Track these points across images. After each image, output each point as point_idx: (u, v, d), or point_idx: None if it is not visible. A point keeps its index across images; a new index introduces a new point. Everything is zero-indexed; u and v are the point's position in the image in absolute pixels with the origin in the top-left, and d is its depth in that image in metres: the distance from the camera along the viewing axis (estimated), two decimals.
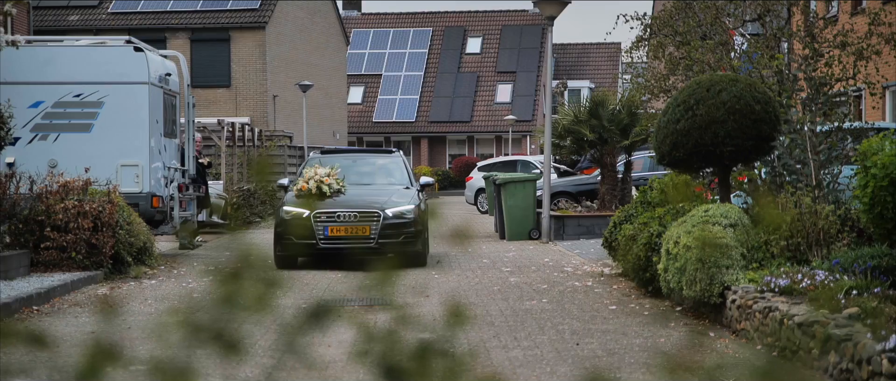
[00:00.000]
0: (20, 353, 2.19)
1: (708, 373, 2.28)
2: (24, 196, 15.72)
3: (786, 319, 9.02)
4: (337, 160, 19.51)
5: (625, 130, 25.10)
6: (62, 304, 13.29)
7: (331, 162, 19.23)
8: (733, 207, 12.53)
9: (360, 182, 18.90)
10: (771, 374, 2.11)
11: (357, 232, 17.27)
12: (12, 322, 11.33)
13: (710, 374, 2.28)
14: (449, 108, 67.29)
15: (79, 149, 18.96)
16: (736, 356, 9.33)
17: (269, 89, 46.32)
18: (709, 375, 2.28)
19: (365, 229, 17.30)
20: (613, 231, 16.12)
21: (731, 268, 11.03)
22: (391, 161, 20.02)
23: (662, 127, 13.65)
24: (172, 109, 20.81)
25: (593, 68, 74.09)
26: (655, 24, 19.54)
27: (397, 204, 17.74)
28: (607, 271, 16.46)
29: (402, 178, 19.42)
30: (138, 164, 19.38)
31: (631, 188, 25.60)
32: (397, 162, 19.95)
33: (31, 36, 26.04)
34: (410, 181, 19.27)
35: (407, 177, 19.41)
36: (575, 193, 28.83)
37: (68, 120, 19.37)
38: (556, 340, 10.37)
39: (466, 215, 34.87)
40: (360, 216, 17.36)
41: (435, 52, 69.81)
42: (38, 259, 15.63)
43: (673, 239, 11.74)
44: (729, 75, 14.08)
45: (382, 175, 19.55)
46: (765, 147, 13.29)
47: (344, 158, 19.98)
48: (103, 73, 19.41)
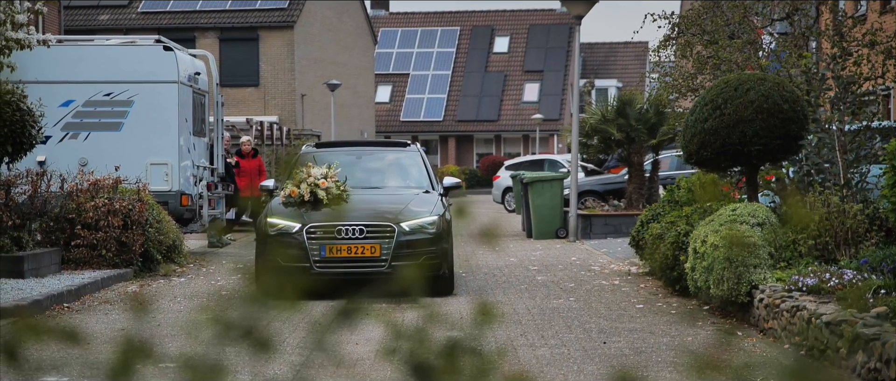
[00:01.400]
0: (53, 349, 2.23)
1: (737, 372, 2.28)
2: (55, 194, 15.86)
3: (813, 318, 9.01)
4: (336, 156, 15.33)
5: (652, 129, 25.07)
6: (92, 301, 13.40)
7: (328, 159, 14.98)
8: (761, 206, 12.51)
9: (366, 185, 15.06)
10: (800, 373, 2.11)
11: (363, 252, 13.46)
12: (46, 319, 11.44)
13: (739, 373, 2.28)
14: (476, 107, 67.30)
15: (109, 147, 19.10)
16: (763, 355, 9.33)
17: (298, 88, 46.47)
18: (737, 374, 2.29)
19: (374, 249, 13.44)
20: (640, 230, 16.11)
21: (759, 267, 11.02)
22: (406, 157, 15.97)
23: (690, 126, 13.64)
24: (201, 108, 20.92)
25: (621, 67, 73.94)
26: (683, 23, 19.51)
27: (416, 214, 13.90)
28: (634, 270, 16.45)
29: (420, 178, 15.44)
30: (168, 162, 19.49)
31: (658, 187, 25.57)
32: (414, 158, 15.84)
33: (62, 35, 26.22)
34: (431, 183, 15.22)
35: (427, 177, 15.42)
36: (602, 191, 28.82)
37: (98, 119, 19.51)
38: (584, 338, 10.39)
39: (494, 213, 34.89)
40: (368, 231, 13.45)
41: (462, 51, 69.83)
42: (68, 257, 15.76)
43: (700, 238, 11.73)
44: (757, 74, 14.05)
45: (395, 175, 15.74)
46: (793, 146, 13.26)
47: (345, 154, 15.86)
48: (133, 72, 19.54)
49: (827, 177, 13.33)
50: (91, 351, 9.10)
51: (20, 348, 2.10)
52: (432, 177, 15.43)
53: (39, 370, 3.21)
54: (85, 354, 8.90)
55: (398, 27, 71.09)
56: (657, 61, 21.07)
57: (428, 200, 14.45)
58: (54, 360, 2.29)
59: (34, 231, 15.59)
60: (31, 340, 2.09)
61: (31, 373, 2.42)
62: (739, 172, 14.56)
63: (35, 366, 2.16)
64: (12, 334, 2.10)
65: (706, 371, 2.29)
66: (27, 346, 2.09)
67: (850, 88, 13.70)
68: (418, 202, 14.28)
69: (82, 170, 17.16)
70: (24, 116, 14.50)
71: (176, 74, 19.57)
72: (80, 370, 8.53)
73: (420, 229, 13.69)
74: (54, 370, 8.29)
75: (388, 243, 13.47)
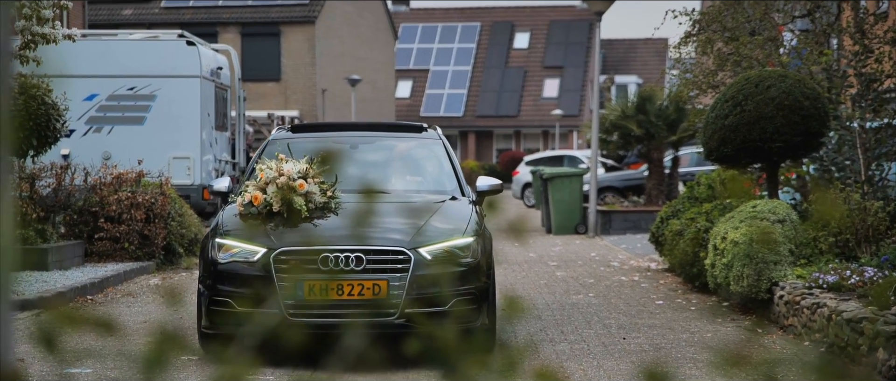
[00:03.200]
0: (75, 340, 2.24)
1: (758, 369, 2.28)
2: (78, 187, 15.99)
3: (834, 315, 9.04)
4: (320, 145, 10.79)
5: (672, 125, 25.08)
6: (115, 293, 13.52)
7: (307, 149, 10.17)
8: (781, 203, 12.53)
9: (366, 188, 9.59)
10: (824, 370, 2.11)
11: (362, 293, 8.82)
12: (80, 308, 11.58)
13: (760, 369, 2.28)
14: (496, 102, 67.32)
15: (132, 141, 19.24)
16: (784, 352, 9.37)
17: (318, 83, 46.59)
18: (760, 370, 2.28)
19: (378, 288, 8.85)
20: (660, 226, 16.14)
21: (779, 264, 11.05)
22: (423, 147, 10.99)
23: (710, 122, 13.66)
24: (223, 103, 21.04)
25: (641, 64, 73.84)
26: (704, 19, 19.51)
27: (442, 234, 9.27)
28: (654, 267, 16.48)
29: (443, 179, 10.57)
30: (190, 156, 19.63)
31: (678, 183, 25.58)
32: (434, 149, 10.87)
33: (87, 30, 26.38)
34: (460, 186, 10.39)
35: (454, 177, 10.51)
36: (621, 188, 28.84)
37: (122, 113, 19.66)
38: (603, 334, 10.44)
39: (513, 209, 34.94)
40: (370, 261, 8.87)
41: (483, 47, 69.86)
42: (92, 250, 15.88)
43: (720, 235, 11.76)
44: (778, 71, 14.06)
45: (408, 174, 10.84)
46: (813, 143, 13.27)
47: (334, 141, 11.05)
48: (156, 66, 19.68)
49: (848, 174, 13.34)
50: (114, 343, 9.19)
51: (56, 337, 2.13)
52: (461, 177, 10.47)
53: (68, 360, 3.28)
54: (106, 345, 9.00)
55: (419, 22, 71.15)
56: (677, 58, 21.08)
57: (458, 211, 9.69)
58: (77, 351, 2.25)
59: (58, 224, 15.73)
60: (67, 329, 2.12)
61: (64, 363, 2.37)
62: (760, 168, 14.57)
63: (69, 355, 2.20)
64: (48, 322, 2.13)
65: (732, 368, 2.26)
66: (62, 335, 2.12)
67: (871, 85, 13.70)
68: (444, 215, 9.56)
69: (105, 163, 17.29)
70: (48, 109, 14.62)
71: (198, 68, 19.69)
72: (103, 362, 8.63)
73: (449, 258, 8.97)
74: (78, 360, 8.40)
75: (399, 280, 8.78)
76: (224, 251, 9.13)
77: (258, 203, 9.32)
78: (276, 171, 9.43)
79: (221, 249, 9.15)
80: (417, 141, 11.07)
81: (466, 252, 9.14)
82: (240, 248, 9.07)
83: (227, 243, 9.16)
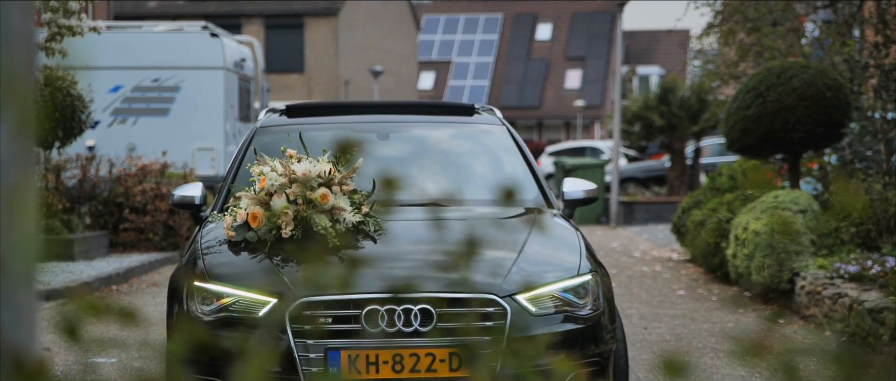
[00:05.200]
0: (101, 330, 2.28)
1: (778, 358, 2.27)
2: (103, 179, 16.13)
3: (855, 305, 9.06)
4: (330, 132, 7.22)
5: (694, 116, 25.07)
6: (140, 284, 13.65)
7: (319, 140, 6.61)
8: (803, 193, 12.54)
9: (410, 202, 6.53)
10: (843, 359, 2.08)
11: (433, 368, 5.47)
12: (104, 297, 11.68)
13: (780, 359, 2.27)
14: (518, 93, 67.31)
15: (156, 132, 19.38)
16: (805, 341, 9.39)
17: (342, 75, 46.70)
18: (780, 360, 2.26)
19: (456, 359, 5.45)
20: (682, 217, 16.16)
21: (801, 254, 11.06)
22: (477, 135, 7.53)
23: (732, 113, 13.67)
24: (247, 94, 21.16)
25: (663, 54, 73.67)
26: (726, 10, 19.49)
27: (543, 270, 5.93)
28: (676, 257, 16.50)
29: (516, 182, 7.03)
30: (213, 147, 19.75)
31: (699, 174, 25.58)
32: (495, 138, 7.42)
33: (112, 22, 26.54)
34: (543, 192, 7.03)
35: (531, 178, 7.10)
36: (643, 178, 28.84)
37: (146, 104, 19.80)
38: (625, 324, 10.44)
39: None
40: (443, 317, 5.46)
41: (505, 38, 69.85)
42: (116, 240, 16.02)
43: (742, 225, 11.79)
44: (800, 62, 14.06)
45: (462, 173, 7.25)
46: (835, 134, 13.27)
47: (353, 128, 7.51)
48: (180, 58, 19.80)
49: (869, 165, 13.33)
50: (139, 333, 9.30)
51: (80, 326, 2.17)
52: (542, 180, 7.17)
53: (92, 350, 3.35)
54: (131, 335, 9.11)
55: (441, 14, 71.18)
56: (700, 49, 21.05)
57: (559, 234, 6.45)
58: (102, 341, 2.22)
59: (83, 215, 15.88)
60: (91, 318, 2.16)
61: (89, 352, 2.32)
62: (781, 159, 14.56)
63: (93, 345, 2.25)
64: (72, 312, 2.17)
65: (752, 358, 2.19)
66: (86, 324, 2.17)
67: (892, 75, 13.68)
68: (541, 241, 6.26)
69: (130, 154, 17.43)
70: (74, 101, 14.74)
71: (222, 60, 19.80)
72: (128, 351, 8.73)
73: (562, 308, 5.79)
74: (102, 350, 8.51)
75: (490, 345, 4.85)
76: (208, 301, 5.75)
77: (258, 224, 5.94)
78: (284, 174, 6.04)
79: (205, 297, 5.77)
80: (470, 127, 7.53)
81: (584, 298, 5.88)
82: (235, 296, 5.69)
83: (213, 289, 5.75)
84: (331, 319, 5.53)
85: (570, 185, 7.01)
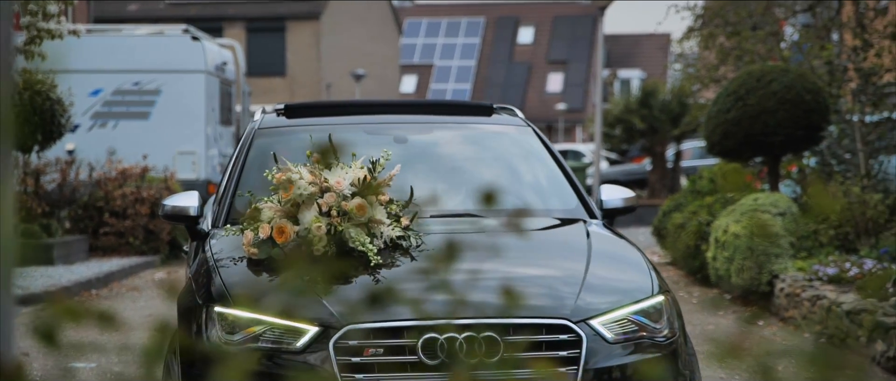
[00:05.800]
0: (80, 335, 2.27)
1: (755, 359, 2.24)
2: (83, 183, 16.09)
3: (834, 307, 9.10)
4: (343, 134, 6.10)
5: (675, 119, 25.16)
6: (120, 288, 13.61)
7: (342, 135, 5.89)
8: (782, 196, 12.59)
9: (444, 213, 5.92)
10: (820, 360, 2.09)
11: None
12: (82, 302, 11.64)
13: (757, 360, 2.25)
14: (500, 97, 67.34)
15: (137, 136, 19.31)
16: (784, 343, 9.43)
17: (324, 78, 46.67)
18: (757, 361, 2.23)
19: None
20: (663, 220, 16.20)
21: (780, 256, 11.11)
22: (502, 137, 6.75)
23: (713, 116, 13.72)
24: (228, 98, 21.12)
25: (644, 58, 73.86)
26: (706, 14, 19.56)
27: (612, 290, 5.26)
28: (656, 260, 16.54)
29: (554, 190, 6.45)
30: (195, 151, 19.70)
31: (680, 177, 25.66)
32: (523, 140, 6.70)
33: (92, 25, 26.47)
34: (583, 201, 6.42)
35: (567, 185, 6.44)
36: (625, 181, 28.90)
37: (127, 108, 19.73)
38: None
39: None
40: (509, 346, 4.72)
41: (487, 41, 69.93)
42: (96, 244, 15.98)
43: (722, 228, 11.83)
44: (780, 66, 14.12)
45: (491, 179, 6.41)
46: (815, 137, 13.34)
47: (366, 131, 6.59)
48: (161, 61, 19.75)
49: (848, 167, 13.40)
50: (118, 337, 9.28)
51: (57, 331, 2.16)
52: (580, 187, 6.56)
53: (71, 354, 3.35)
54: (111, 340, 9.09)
55: (423, 17, 71.22)
56: (680, 52, 21.12)
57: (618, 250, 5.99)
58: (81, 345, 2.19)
59: (63, 219, 15.83)
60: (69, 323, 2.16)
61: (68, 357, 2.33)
62: (761, 162, 14.63)
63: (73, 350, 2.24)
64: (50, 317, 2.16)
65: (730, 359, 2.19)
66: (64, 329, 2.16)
67: (870, 79, 13.76)
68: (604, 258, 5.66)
69: (110, 158, 17.37)
70: (53, 104, 14.70)
71: (203, 63, 19.76)
72: (107, 356, 8.70)
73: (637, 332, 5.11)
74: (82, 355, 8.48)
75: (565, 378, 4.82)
76: (232, 330, 4.98)
77: (285, 240, 5.22)
78: (314, 182, 5.32)
79: (228, 324, 5.00)
80: (493, 128, 6.81)
81: (660, 322, 5.18)
82: (267, 323, 4.92)
83: (239, 315, 4.98)
84: (382, 349, 4.79)
85: (609, 192, 6.47)
